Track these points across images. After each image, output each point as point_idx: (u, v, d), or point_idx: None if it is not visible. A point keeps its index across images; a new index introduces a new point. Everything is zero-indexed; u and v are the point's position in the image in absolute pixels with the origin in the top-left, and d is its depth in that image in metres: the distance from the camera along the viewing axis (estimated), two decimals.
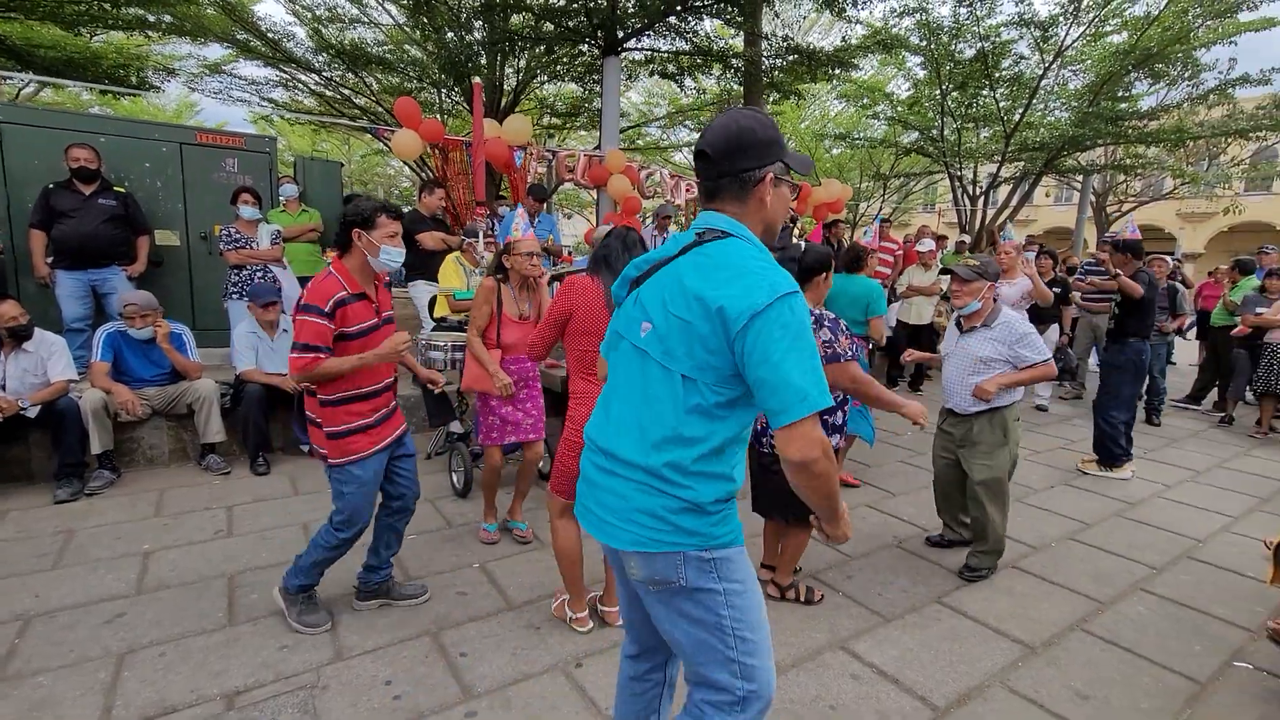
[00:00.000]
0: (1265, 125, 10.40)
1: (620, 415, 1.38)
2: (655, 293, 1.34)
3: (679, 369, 1.27)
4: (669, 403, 1.29)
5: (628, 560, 1.36)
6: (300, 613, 2.51)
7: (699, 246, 1.31)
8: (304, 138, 18.83)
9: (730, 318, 1.19)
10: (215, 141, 5.75)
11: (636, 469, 1.32)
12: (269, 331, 4.38)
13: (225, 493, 3.89)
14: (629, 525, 1.33)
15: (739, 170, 1.30)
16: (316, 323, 2.20)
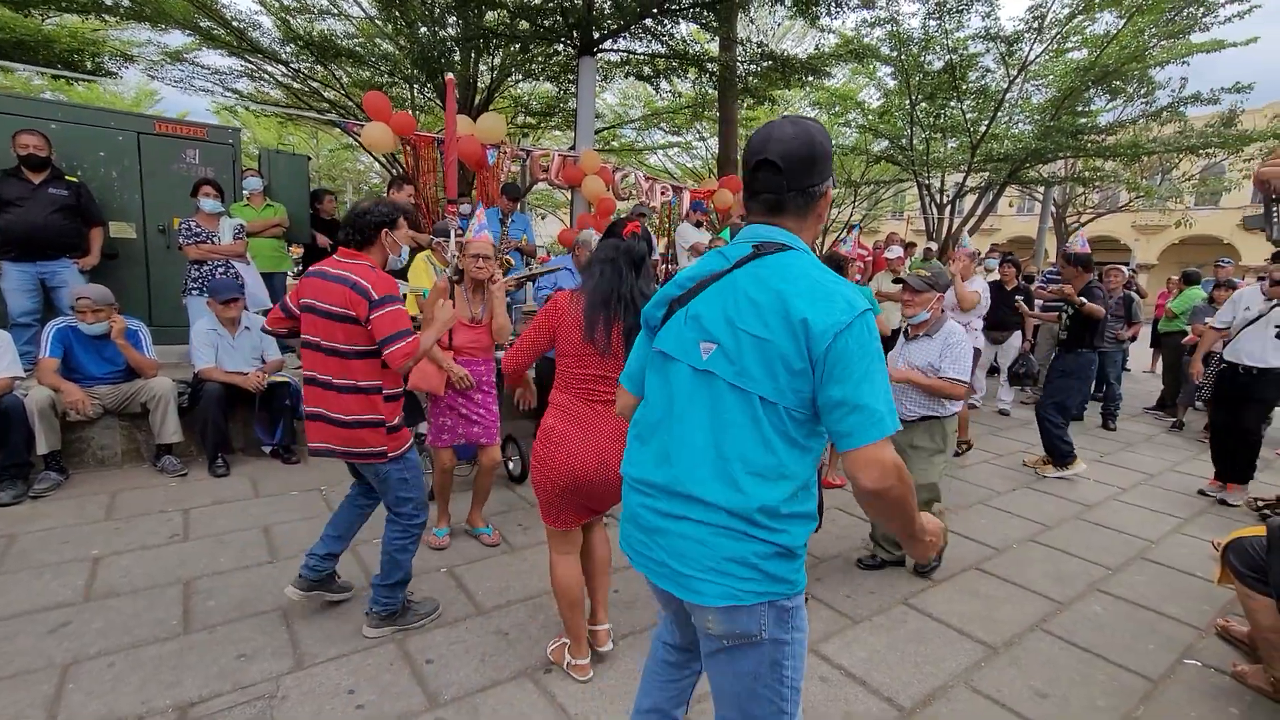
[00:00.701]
0: (1214, 142, 10.85)
1: (686, 448, 1.24)
2: (715, 309, 1.25)
3: (757, 391, 1.18)
4: (749, 429, 1.18)
5: (704, 615, 1.23)
6: (413, 610, 2.55)
7: (759, 259, 1.25)
8: (270, 130, 18.35)
9: (815, 333, 1.13)
10: (175, 131, 5.55)
11: (719, 511, 1.19)
12: (230, 329, 4.25)
13: (181, 495, 3.75)
14: (718, 577, 1.19)
15: (806, 185, 1.25)
16: (403, 310, 2.31)
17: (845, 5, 7.91)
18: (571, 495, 2.15)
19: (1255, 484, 4.98)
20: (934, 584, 3.16)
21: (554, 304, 2.19)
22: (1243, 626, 2.70)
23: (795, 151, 1.22)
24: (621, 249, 2.12)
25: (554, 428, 2.14)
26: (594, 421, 2.13)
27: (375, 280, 2.27)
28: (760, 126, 1.28)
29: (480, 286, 3.19)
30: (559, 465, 2.10)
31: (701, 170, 18.77)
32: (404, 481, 2.44)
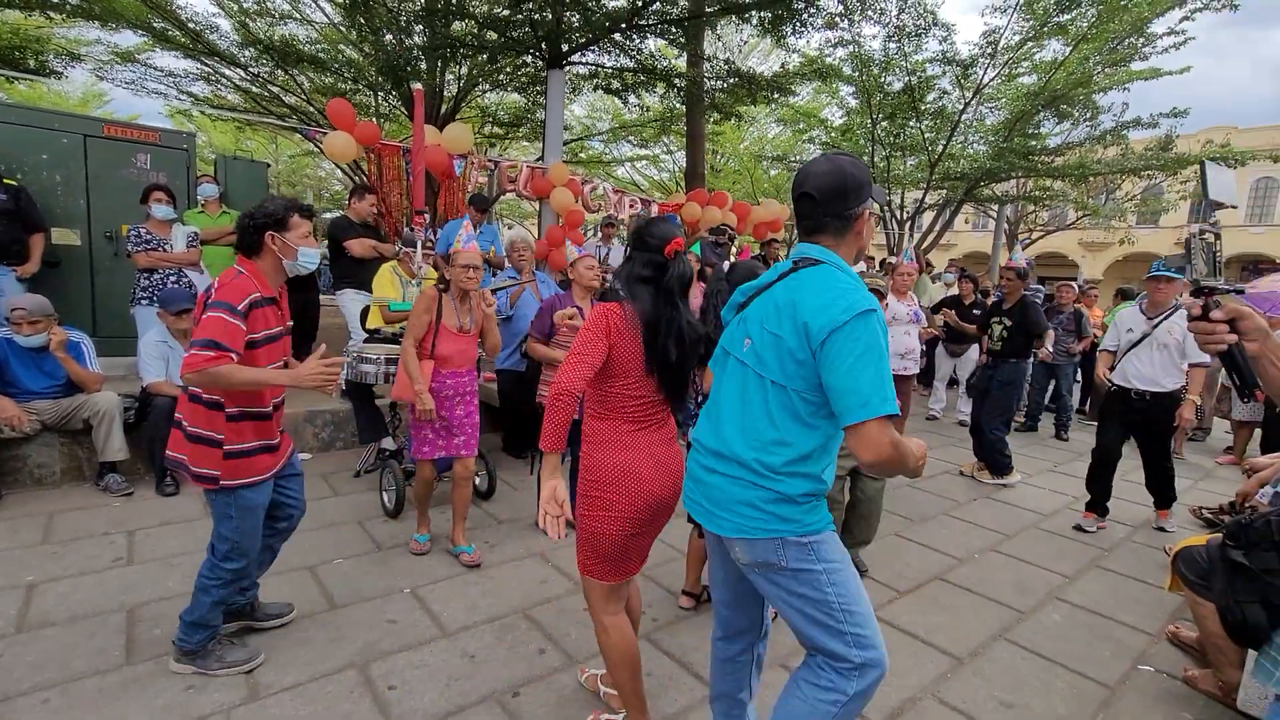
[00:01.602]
0: (1153, 165, 11.44)
1: (727, 418, 1.59)
2: (756, 314, 1.59)
3: (769, 376, 1.50)
4: (761, 406, 1.52)
5: (732, 546, 1.57)
6: (221, 657, 2.27)
7: (794, 273, 1.54)
8: (227, 135, 17.81)
9: (813, 331, 1.41)
10: (125, 135, 5.35)
11: (733, 463, 1.54)
12: (182, 340, 4.07)
13: (126, 516, 3.56)
14: (730, 515, 1.54)
15: (841, 211, 1.52)
16: (228, 320, 2.01)
17: (810, 25, 8.09)
18: (648, 530, 1.91)
19: (1197, 493, 5.21)
20: (900, 595, 3.20)
21: (605, 317, 1.83)
22: (1192, 632, 2.80)
23: (827, 184, 1.51)
24: (668, 274, 1.86)
25: (620, 463, 1.83)
26: (659, 444, 1.91)
27: (226, 283, 2.06)
28: (804, 164, 1.58)
29: (467, 296, 3.16)
30: (632, 499, 1.83)
31: (669, 183, 18.93)
32: (227, 519, 2.18)
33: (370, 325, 4.27)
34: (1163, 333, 3.94)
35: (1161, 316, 3.99)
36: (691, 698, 2.32)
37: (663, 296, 1.86)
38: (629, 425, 1.89)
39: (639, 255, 1.90)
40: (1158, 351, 3.94)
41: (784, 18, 7.88)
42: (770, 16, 7.89)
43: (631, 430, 1.89)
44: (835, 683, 1.51)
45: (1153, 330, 3.98)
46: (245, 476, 2.18)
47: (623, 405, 1.88)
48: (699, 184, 10.35)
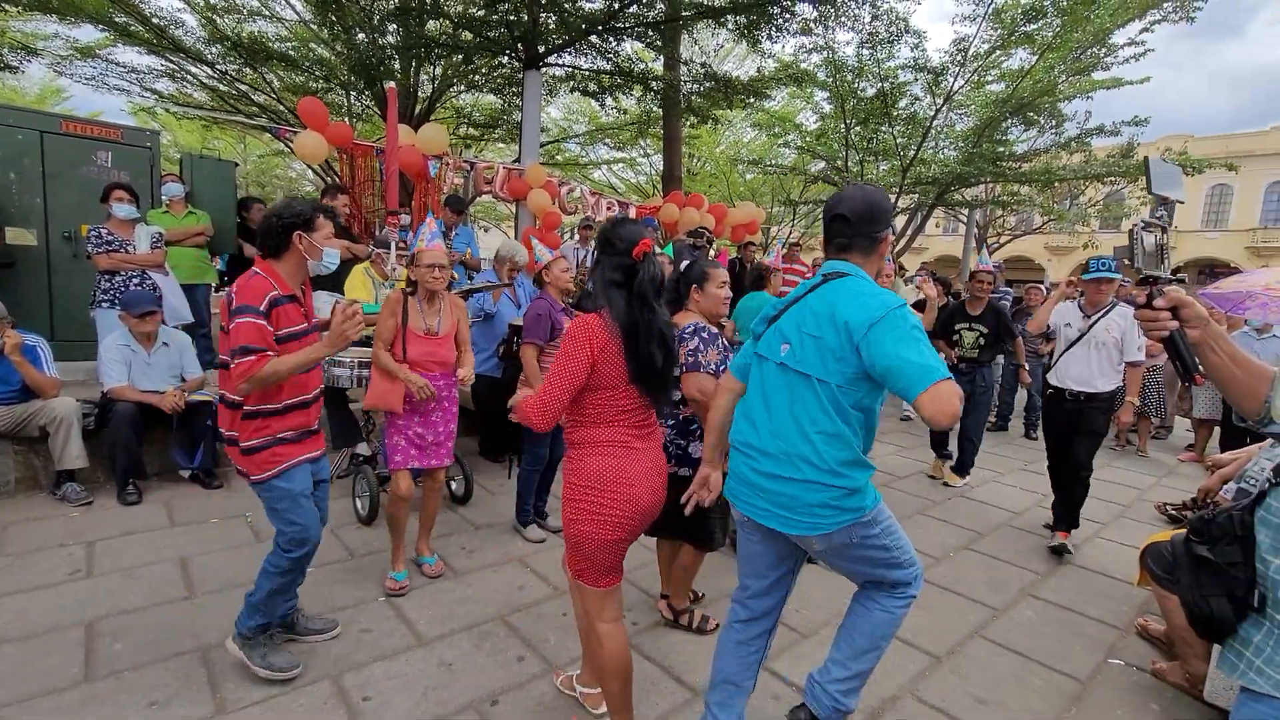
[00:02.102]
0: (1115, 171, 11.79)
1: (776, 417, 1.76)
2: (792, 321, 1.79)
3: (815, 375, 1.69)
4: (813, 401, 1.70)
5: (809, 540, 1.76)
6: (265, 655, 2.27)
7: (825, 284, 1.76)
8: (193, 134, 17.36)
9: (854, 328, 1.60)
10: (85, 132, 5.18)
11: (803, 465, 1.69)
12: (145, 344, 3.95)
13: (85, 526, 3.43)
14: (805, 517, 1.71)
15: (870, 232, 1.77)
16: (255, 323, 2.06)
17: (785, 31, 8.18)
18: (636, 534, 1.92)
19: (1161, 489, 5.36)
20: None
21: (587, 329, 1.79)
22: (1160, 625, 2.87)
23: (861, 209, 1.76)
24: (640, 277, 1.83)
25: (612, 469, 1.83)
26: (649, 452, 1.92)
27: (243, 286, 2.10)
28: (836, 191, 1.84)
29: (434, 297, 3.06)
30: (624, 505, 1.83)
31: (646, 186, 18.95)
32: (274, 512, 2.24)
33: None
34: (1100, 330, 3.78)
35: (1099, 314, 3.83)
36: (673, 701, 2.30)
37: (637, 300, 1.82)
38: (618, 433, 1.86)
39: (608, 259, 1.86)
40: (1095, 350, 3.78)
41: (759, 23, 7.95)
42: (746, 21, 7.96)
43: (621, 438, 1.86)
44: (905, 592, 1.87)
45: (1089, 329, 3.80)
46: (270, 469, 2.19)
47: (610, 415, 1.85)
48: (676, 186, 10.38)
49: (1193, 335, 1.28)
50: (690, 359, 2.43)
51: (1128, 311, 3.77)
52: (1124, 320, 3.76)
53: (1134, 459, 6.41)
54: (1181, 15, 9.89)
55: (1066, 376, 3.85)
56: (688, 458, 2.59)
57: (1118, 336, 3.75)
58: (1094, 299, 3.88)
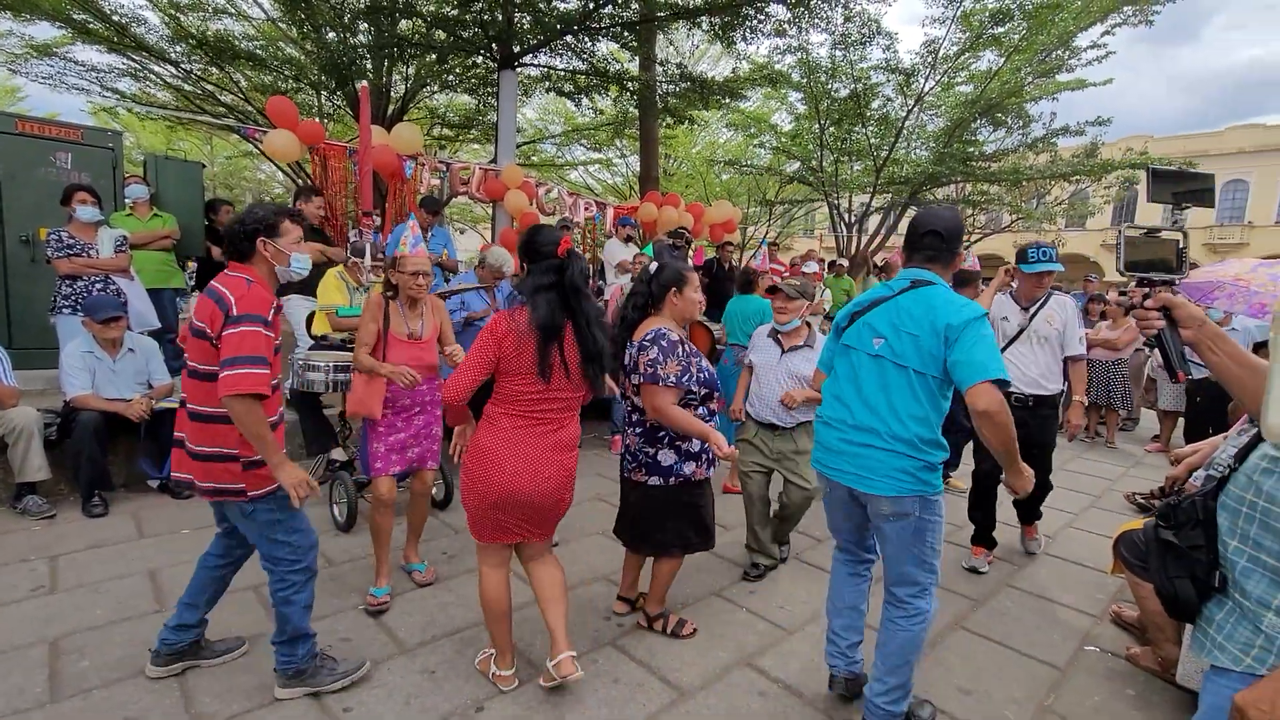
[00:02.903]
0: (1080, 170, 12.11)
1: (873, 401, 2.04)
2: (884, 318, 2.07)
3: (912, 366, 1.98)
4: (907, 389, 1.99)
5: (880, 502, 2.03)
6: (334, 669, 2.21)
7: (913, 290, 2.05)
8: (157, 135, 16.91)
9: (952, 327, 1.92)
10: (42, 132, 5.00)
11: (891, 439, 1.99)
12: (109, 351, 3.82)
13: (48, 540, 3.31)
14: (885, 479, 2.00)
15: (955, 248, 2.12)
16: (263, 333, 1.96)
17: (759, 32, 8.24)
18: (506, 513, 2.16)
19: (1129, 479, 5.50)
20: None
21: (496, 325, 2.09)
22: (1133, 612, 2.94)
23: (952, 228, 2.11)
24: (569, 273, 2.07)
25: (490, 447, 2.12)
26: (531, 440, 2.13)
27: (243, 295, 1.97)
28: (925, 209, 2.17)
29: (416, 301, 3.01)
30: (493, 485, 2.10)
31: (623, 187, 18.95)
32: (275, 524, 2.11)
33: (316, 331, 4.09)
34: (1041, 323, 3.42)
35: (1036, 305, 3.47)
36: (660, 702, 2.29)
37: (571, 293, 2.08)
38: (513, 418, 2.12)
39: (535, 266, 2.10)
40: (1038, 346, 3.43)
41: (734, 24, 8.00)
42: (720, 22, 7.99)
43: (513, 422, 2.12)
44: (920, 608, 2.11)
45: (1029, 322, 3.44)
46: (272, 481, 2.07)
47: (513, 399, 2.12)
48: (653, 187, 10.39)
49: (1187, 336, 1.31)
50: (649, 369, 2.39)
51: (1067, 301, 3.50)
52: (1064, 311, 3.45)
53: (1103, 450, 6.58)
54: (1141, 19, 10.20)
55: (1012, 378, 3.29)
56: (657, 466, 2.55)
57: (1059, 329, 3.43)
58: (1031, 292, 3.47)
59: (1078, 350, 3.46)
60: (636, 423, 2.58)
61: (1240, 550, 1.19)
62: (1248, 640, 1.15)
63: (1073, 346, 3.44)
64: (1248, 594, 1.17)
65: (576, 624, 2.77)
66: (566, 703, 2.25)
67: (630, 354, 2.51)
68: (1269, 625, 1.13)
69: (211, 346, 1.97)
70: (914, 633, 2.10)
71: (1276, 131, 25.93)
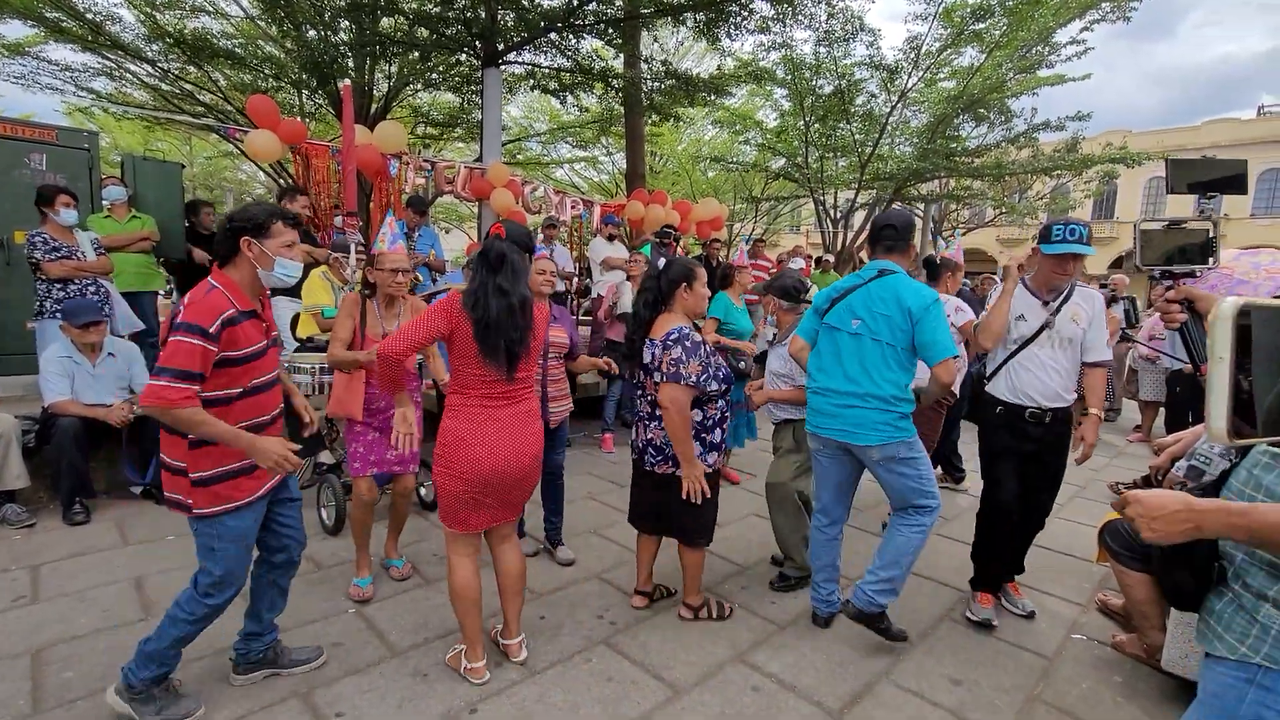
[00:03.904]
0: (1062, 165, 12.25)
1: (854, 371, 2.53)
2: (860, 301, 2.55)
3: (884, 340, 2.49)
4: (880, 359, 2.50)
5: (870, 451, 2.51)
6: (161, 709, 2.03)
7: (880, 278, 2.54)
8: (135, 135, 16.60)
9: (914, 310, 2.44)
10: (16, 134, 4.90)
11: (870, 400, 2.48)
12: (89, 355, 3.76)
13: (29, 549, 3.25)
14: (872, 431, 2.49)
15: (908, 238, 2.60)
16: (197, 345, 1.81)
17: (743, 28, 8.25)
18: (480, 493, 2.20)
19: (1112, 469, 5.58)
20: (851, 581, 3.27)
21: (449, 305, 2.13)
22: (1118, 600, 2.98)
23: (905, 222, 2.63)
24: (482, 261, 2.15)
25: (456, 430, 2.17)
26: (501, 416, 2.20)
27: (197, 301, 1.86)
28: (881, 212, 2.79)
29: (394, 301, 2.96)
30: (476, 463, 2.15)
31: (609, 184, 18.91)
32: (210, 551, 1.99)
33: (302, 333, 4.04)
34: (1065, 322, 2.75)
35: (1059, 299, 2.78)
36: (655, 700, 2.30)
37: (490, 266, 2.12)
38: (475, 401, 2.17)
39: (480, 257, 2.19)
40: (1060, 349, 2.76)
41: (718, 20, 8.00)
42: (705, 19, 7.99)
43: (477, 405, 2.17)
44: (921, 520, 2.56)
45: (1053, 318, 2.76)
46: (224, 504, 1.97)
47: (470, 382, 2.17)
48: (639, 184, 10.38)
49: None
50: (671, 369, 2.46)
51: (1094, 294, 2.82)
52: (1091, 305, 2.78)
53: None
54: (1118, 15, 10.33)
55: (1025, 388, 2.78)
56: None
57: (1085, 327, 2.76)
58: (1050, 279, 2.76)
59: (1104, 355, 2.80)
60: (661, 417, 2.60)
61: (1239, 544, 1.21)
62: (1244, 629, 1.18)
63: (1099, 350, 2.79)
64: (1248, 586, 1.20)
65: (569, 623, 2.77)
66: (561, 702, 2.25)
67: (652, 352, 2.55)
68: (1264, 615, 1.16)
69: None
70: (910, 538, 2.54)
71: (1252, 126, 26.44)
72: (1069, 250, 2.64)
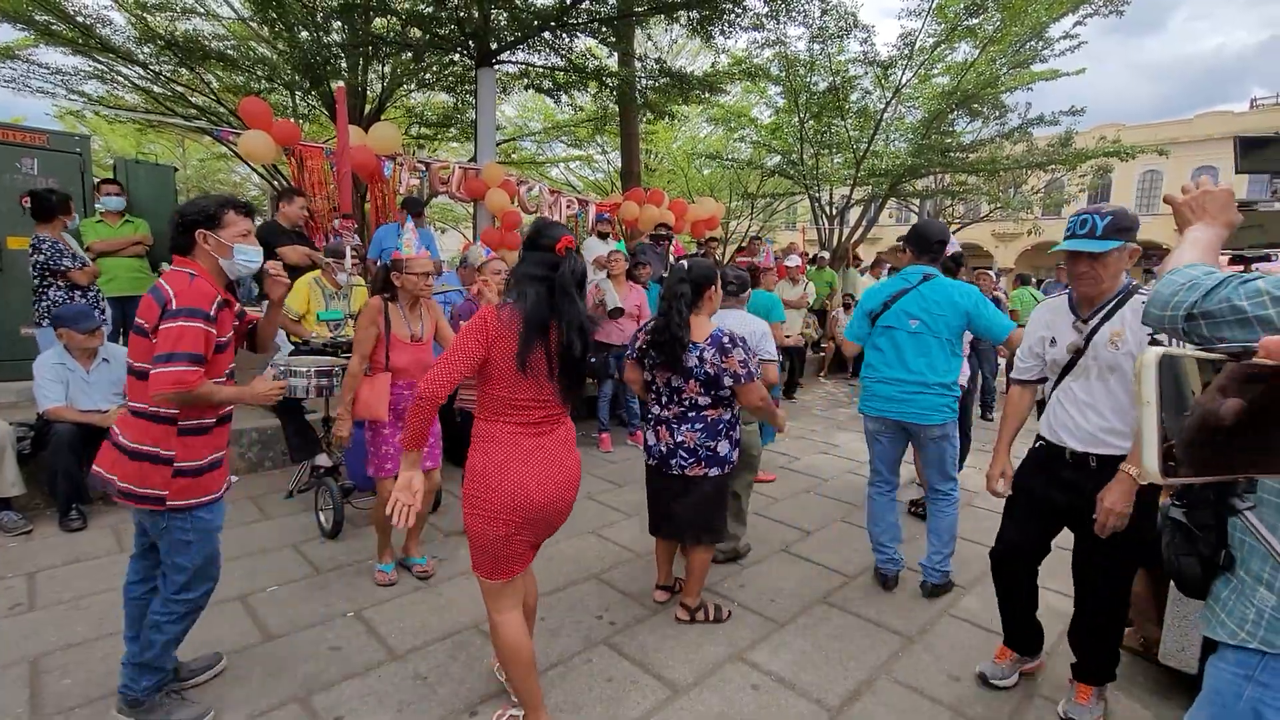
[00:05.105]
0: (1056, 159, 12.27)
1: (916, 363, 2.96)
2: (915, 304, 2.98)
3: (942, 335, 2.95)
4: (940, 351, 2.96)
5: (932, 430, 2.99)
6: (168, 714, 2.04)
7: (927, 282, 2.99)
8: (127, 138, 16.50)
9: (967, 307, 2.93)
10: (7, 138, 4.87)
11: (934, 385, 2.95)
12: (84, 361, 3.74)
13: (25, 556, 3.24)
14: (934, 413, 2.97)
15: (943, 249, 3.11)
16: (202, 328, 1.88)
17: (737, 26, 8.23)
18: (527, 532, 1.92)
19: None
20: (849, 580, 3.29)
21: (483, 322, 1.85)
22: None
23: (945, 235, 3.12)
24: (562, 270, 1.88)
25: (498, 463, 1.87)
26: (544, 444, 1.93)
27: (186, 288, 1.88)
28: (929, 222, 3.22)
29: (416, 303, 3.04)
30: (512, 501, 1.85)
31: (604, 183, 18.88)
32: (185, 545, 1.98)
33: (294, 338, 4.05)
34: (1102, 347, 2.09)
35: (1099, 316, 2.11)
36: (655, 699, 2.30)
37: (559, 292, 1.88)
38: (507, 429, 1.90)
39: (531, 255, 1.93)
40: (1100, 381, 2.12)
41: (711, 18, 7.98)
42: (698, 17, 7.98)
43: (516, 433, 1.90)
44: (955, 497, 3.14)
45: (1087, 342, 2.13)
46: (196, 496, 1.99)
47: (503, 409, 1.90)
48: (635, 183, 10.36)
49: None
50: (744, 369, 2.55)
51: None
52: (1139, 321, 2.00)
53: None
54: (1111, 9, 10.33)
55: (1058, 425, 2.23)
56: (716, 457, 2.65)
57: (1131, 351, 2.03)
58: (1074, 287, 2.18)
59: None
60: (695, 419, 2.63)
61: (1248, 530, 1.22)
62: (1243, 615, 1.19)
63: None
64: (1249, 570, 1.21)
65: (568, 623, 2.77)
66: (561, 703, 2.25)
67: (707, 357, 2.55)
68: (1260, 599, 1.17)
69: (150, 343, 1.89)
70: (952, 515, 3.13)
71: (1245, 118, 26.50)
72: (1066, 248, 2.04)
